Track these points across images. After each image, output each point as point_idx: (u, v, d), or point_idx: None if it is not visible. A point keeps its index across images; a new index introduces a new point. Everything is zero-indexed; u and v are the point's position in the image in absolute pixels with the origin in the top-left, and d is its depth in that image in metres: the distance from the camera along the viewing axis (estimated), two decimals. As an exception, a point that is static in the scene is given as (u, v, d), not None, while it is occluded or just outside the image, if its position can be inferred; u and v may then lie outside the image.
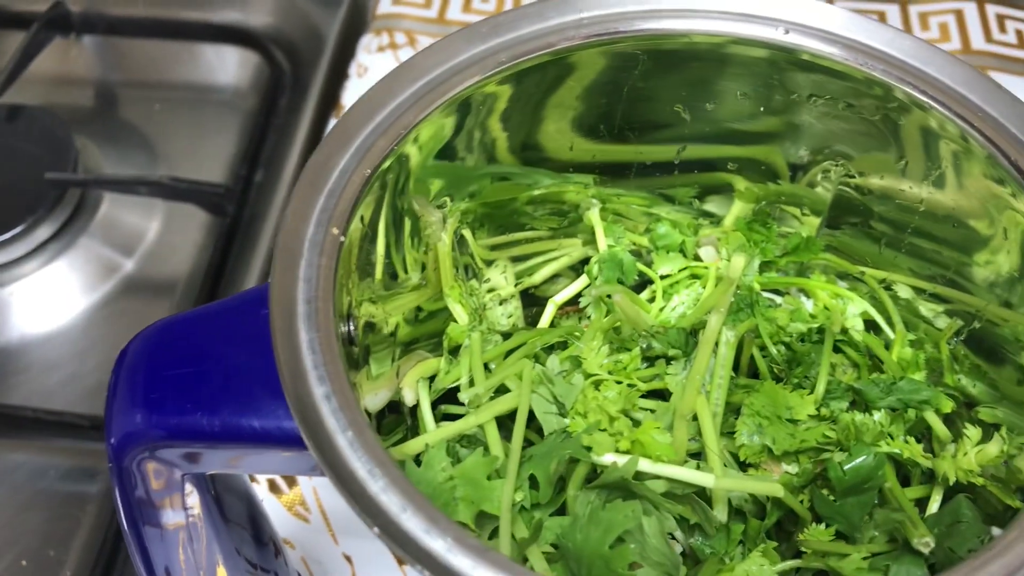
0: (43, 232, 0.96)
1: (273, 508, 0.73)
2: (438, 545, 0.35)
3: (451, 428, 0.49)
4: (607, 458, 0.45)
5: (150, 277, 0.98)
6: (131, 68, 1.16)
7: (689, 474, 0.45)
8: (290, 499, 0.73)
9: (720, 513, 0.47)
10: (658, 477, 0.45)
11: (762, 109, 0.52)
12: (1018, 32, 1.00)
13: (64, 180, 0.96)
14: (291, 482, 0.74)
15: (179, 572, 0.50)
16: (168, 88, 1.14)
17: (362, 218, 0.45)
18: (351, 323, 0.44)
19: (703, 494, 0.48)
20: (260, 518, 0.58)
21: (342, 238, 0.42)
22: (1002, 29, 1.00)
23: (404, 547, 0.35)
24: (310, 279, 0.41)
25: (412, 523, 0.35)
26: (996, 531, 0.45)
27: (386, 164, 0.45)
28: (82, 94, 1.13)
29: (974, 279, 0.50)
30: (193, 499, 0.47)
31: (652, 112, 0.54)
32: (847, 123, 0.51)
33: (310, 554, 0.71)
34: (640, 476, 0.45)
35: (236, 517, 0.53)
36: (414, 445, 0.47)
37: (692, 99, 0.53)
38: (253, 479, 0.74)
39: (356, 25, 1.10)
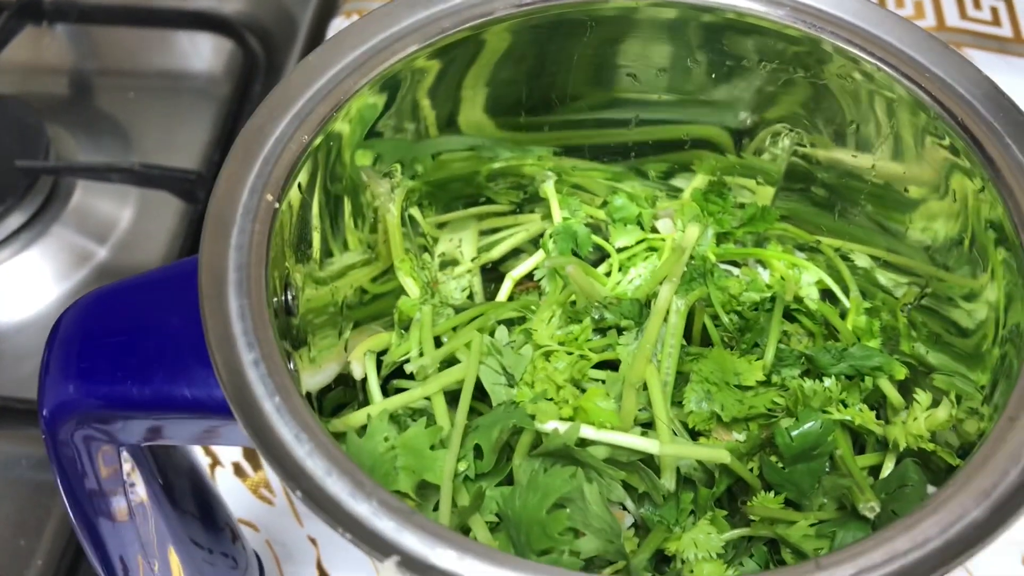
0: (15, 220, 0.95)
1: (238, 491, 0.72)
2: (363, 508, 0.34)
3: (396, 400, 0.49)
4: (550, 425, 0.44)
5: (123, 264, 0.97)
6: (104, 56, 1.15)
7: (633, 440, 0.45)
8: (254, 482, 0.73)
9: (668, 481, 0.47)
10: (602, 444, 0.45)
11: (713, 76, 0.52)
12: (993, 9, 0.99)
13: (35, 168, 0.96)
14: (256, 465, 0.73)
15: (131, 557, 0.50)
16: (142, 76, 1.13)
17: (300, 186, 0.44)
18: (288, 292, 0.43)
19: (651, 463, 0.47)
20: (214, 503, 0.57)
21: (277, 204, 0.42)
22: (977, 6, 0.99)
23: (328, 511, 0.34)
24: (242, 246, 0.40)
25: (337, 487, 0.35)
26: (932, 489, 0.45)
27: (325, 131, 0.45)
28: (55, 82, 1.13)
29: (926, 245, 0.49)
30: (135, 476, 0.46)
31: (604, 80, 0.53)
32: (797, 88, 0.50)
33: (275, 537, 0.70)
34: (584, 443, 0.45)
35: (185, 503, 0.53)
36: (357, 417, 0.46)
37: (642, 65, 0.52)
38: (217, 463, 0.73)
39: (328, 9, 1.10)
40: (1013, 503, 0.33)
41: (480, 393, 0.49)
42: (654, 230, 0.58)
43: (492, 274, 0.62)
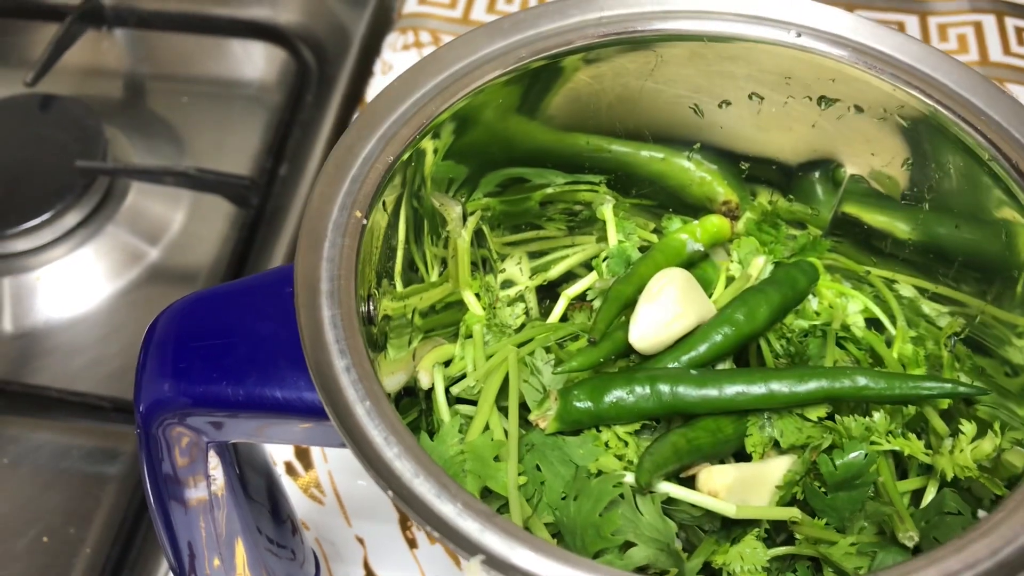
0: (71, 219, 0.98)
1: (289, 490, 0.74)
2: (448, 509, 0.37)
3: (462, 409, 0.51)
4: (627, 478, 0.47)
5: (174, 265, 1.00)
6: (161, 61, 1.18)
7: (711, 502, 0.47)
8: (306, 482, 0.75)
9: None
10: (681, 502, 0.48)
11: (773, 111, 0.54)
12: (1035, 45, 1.01)
13: (93, 168, 0.99)
14: (307, 465, 0.76)
15: (199, 543, 0.52)
16: (196, 82, 1.16)
17: (384, 204, 0.47)
18: (371, 303, 0.46)
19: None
20: (280, 496, 0.59)
21: (364, 221, 0.44)
22: (1021, 41, 1.01)
23: (416, 510, 0.36)
24: (333, 259, 0.43)
25: (424, 488, 0.37)
26: (982, 514, 0.47)
27: (408, 152, 0.47)
28: (113, 86, 1.16)
29: (974, 280, 0.51)
30: (217, 470, 0.49)
31: (666, 111, 0.56)
32: (855, 126, 0.52)
33: (324, 535, 0.73)
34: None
35: (257, 493, 0.55)
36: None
37: (705, 98, 0.55)
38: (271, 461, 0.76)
39: (382, 23, 1.13)
40: (1061, 529, 0.36)
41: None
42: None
43: (547, 292, 0.64)
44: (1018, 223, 0.46)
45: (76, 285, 0.97)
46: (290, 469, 0.76)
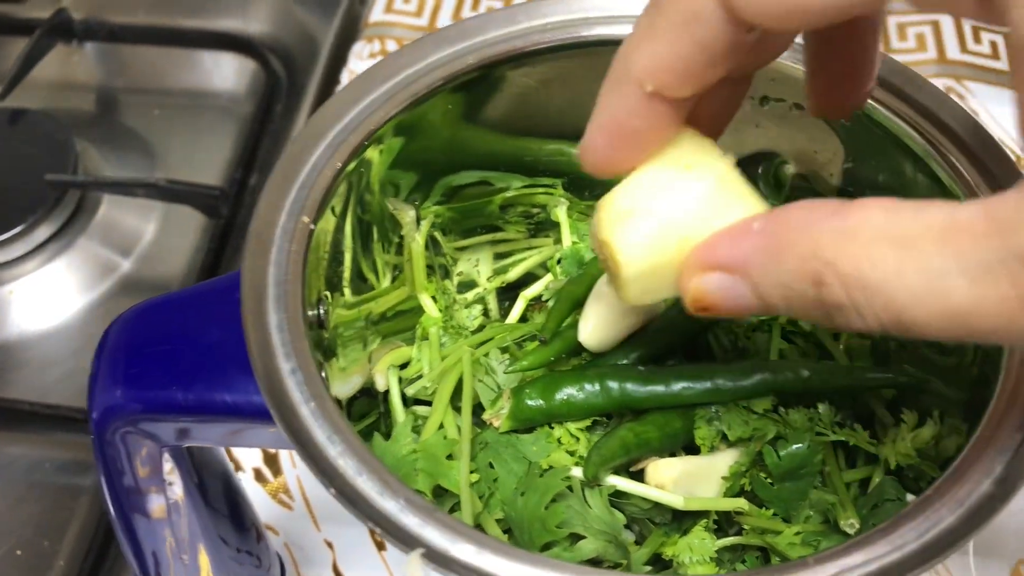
0: (43, 232, 0.98)
1: (258, 495, 0.75)
2: (390, 506, 0.37)
3: (418, 411, 0.52)
4: (575, 471, 0.48)
5: (146, 277, 1.00)
6: (131, 74, 1.19)
7: (660, 495, 0.48)
8: (274, 487, 0.76)
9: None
10: (632, 495, 0.49)
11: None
12: (992, 43, 1.02)
13: (64, 182, 0.99)
14: (276, 471, 0.76)
15: (163, 551, 0.53)
16: (167, 94, 1.17)
17: (333, 209, 0.48)
18: (321, 307, 0.47)
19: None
20: (242, 503, 0.60)
21: (312, 226, 0.45)
22: (977, 40, 1.03)
23: (358, 507, 0.37)
24: (280, 264, 0.44)
25: (367, 485, 0.38)
26: (911, 498, 0.48)
27: (356, 159, 0.48)
28: (83, 99, 1.16)
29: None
30: (174, 476, 0.49)
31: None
32: (797, 125, 0.53)
33: (293, 540, 0.73)
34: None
35: (217, 502, 0.56)
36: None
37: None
38: (239, 468, 0.77)
39: (350, 33, 1.13)
40: (985, 511, 0.37)
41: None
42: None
43: (508, 293, 0.65)
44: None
45: (48, 298, 0.97)
46: (259, 475, 0.76)
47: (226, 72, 1.18)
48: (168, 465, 0.48)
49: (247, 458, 0.77)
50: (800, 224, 0.30)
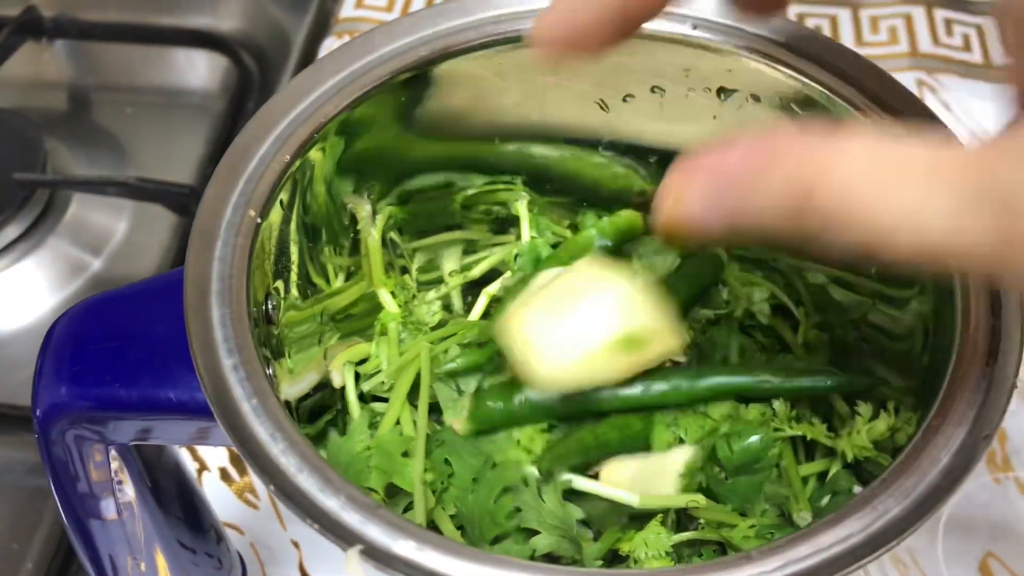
0: (11, 232, 0.97)
1: (224, 495, 0.75)
2: (331, 503, 0.37)
3: (374, 407, 0.52)
4: (531, 470, 0.47)
5: (117, 276, 0.99)
6: (103, 72, 1.18)
7: (615, 492, 0.48)
8: (240, 486, 0.75)
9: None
10: (590, 496, 0.48)
11: (675, 103, 0.55)
12: (964, 36, 1.02)
13: (32, 181, 0.98)
14: (241, 470, 0.76)
15: (120, 555, 0.52)
16: (139, 91, 1.16)
17: (281, 202, 0.47)
18: (269, 302, 0.46)
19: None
20: (199, 504, 0.59)
21: (259, 220, 0.45)
22: (949, 32, 1.03)
23: (298, 504, 0.37)
24: (225, 258, 0.43)
25: (308, 482, 0.37)
26: (858, 489, 0.48)
27: (305, 152, 0.47)
28: (54, 97, 1.15)
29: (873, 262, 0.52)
30: (124, 475, 0.49)
31: (572, 106, 0.56)
32: (755, 116, 0.53)
33: (259, 540, 0.73)
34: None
35: (171, 504, 0.55)
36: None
37: (609, 92, 0.55)
38: (204, 468, 0.76)
39: (322, 28, 1.13)
40: (931, 501, 0.36)
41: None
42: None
43: (472, 290, 0.65)
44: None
45: (17, 298, 0.96)
46: (224, 475, 0.76)
47: (198, 69, 1.17)
48: (116, 464, 0.47)
49: (213, 458, 0.76)
50: (793, 138, 0.31)
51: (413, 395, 0.53)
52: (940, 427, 0.38)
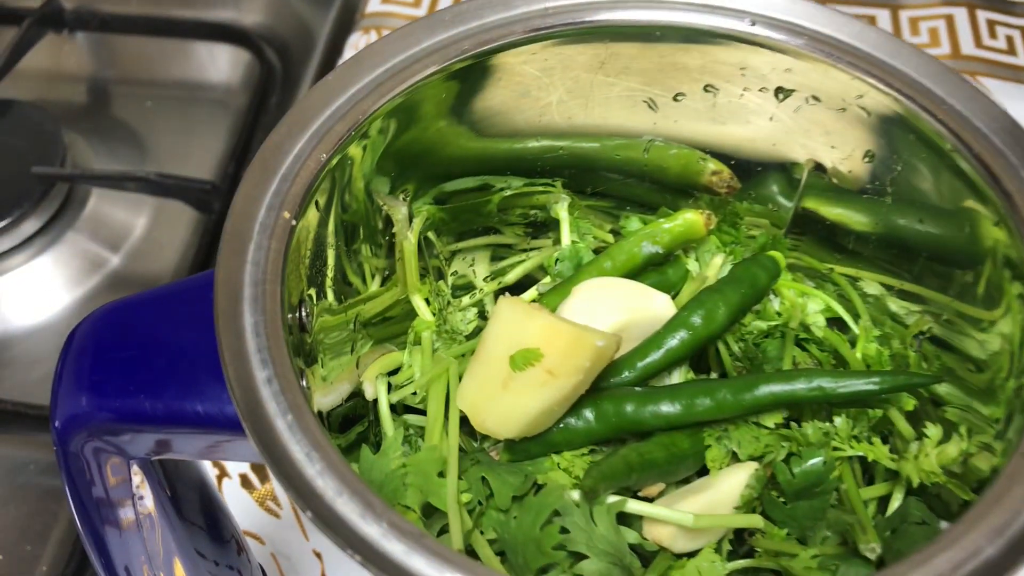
0: (29, 227, 0.96)
1: (244, 503, 0.72)
2: (373, 531, 0.34)
3: (409, 420, 0.49)
4: (574, 494, 0.45)
5: (136, 273, 0.97)
6: (124, 65, 1.16)
7: (670, 514, 0.45)
8: (261, 494, 0.73)
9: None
10: (639, 515, 0.45)
11: (729, 102, 0.52)
12: (1008, 38, 0.99)
13: (50, 175, 0.96)
14: (263, 477, 0.73)
15: (136, 567, 0.50)
16: (160, 85, 1.14)
17: (317, 203, 0.44)
18: (303, 309, 0.44)
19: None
20: (221, 515, 0.57)
21: (294, 222, 0.42)
22: (992, 35, 0.99)
23: (337, 532, 0.34)
24: (258, 263, 0.40)
25: (347, 507, 0.35)
26: (944, 525, 0.45)
27: (342, 150, 0.45)
28: (74, 90, 1.13)
29: (939, 275, 0.49)
30: (144, 489, 0.46)
31: (619, 105, 0.54)
32: (813, 117, 0.50)
33: (280, 550, 0.70)
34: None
35: (192, 515, 0.53)
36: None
37: (661, 90, 0.52)
38: (225, 474, 0.73)
39: (347, 24, 1.11)
40: (1027, 542, 0.33)
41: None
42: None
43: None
44: (980, 214, 0.44)
45: (35, 294, 0.95)
46: (245, 481, 0.73)
47: (220, 63, 1.15)
48: (138, 478, 0.45)
49: (233, 464, 0.74)
50: None
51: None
52: (1031, 458, 0.35)
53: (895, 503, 0.48)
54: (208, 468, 0.74)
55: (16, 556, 0.80)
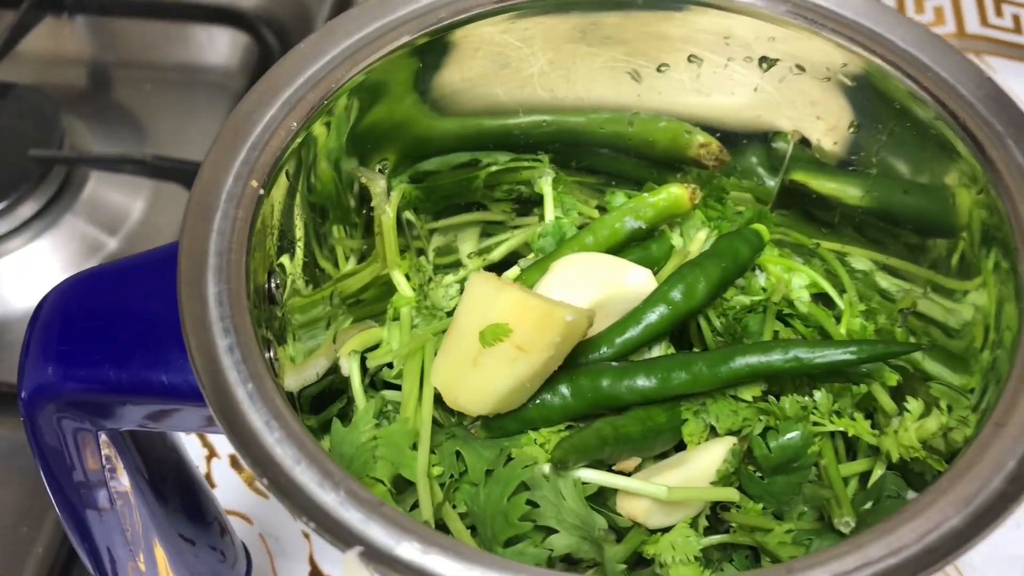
0: (27, 209, 0.95)
1: (233, 483, 0.72)
2: (330, 498, 0.34)
3: (385, 395, 0.48)
4: (546, 468, 0.44)
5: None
6: (123, 48, 1.16)
7: (643, 486, 0.44)
8: (250, 475, 0.72)
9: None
10: (613, 489, 0.45)
11: (714, 73, 0.51)
12: (1015, 17, 0.97)
13: (48, 157, 0.96)
14: (252, 457, 0.73)
15: (118, 549, 0.50)
16: (159, 68, 1.14)
17: (287, 173, 0.44)
18: (272, 280, 0.43)
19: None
20: (202, 496, 0.56)
21: (262, 191, 0.41)
22: (998, 13, 0.98)
23: (294, 500, 0.33)
24: (224, 232, 0.40)
25: (305, 476, 0.34)
26: (912, 495, 0.44)
27: (314, 119, 0.44)
28: (73, 73, 1.13)
29: (921, 248, 0.48)
30: (117, 463, 0.46)
31: (602, 76, 0.53)
32: (798, 88, 0.49)
33: (268, 530, 0.70)
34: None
35: (170, 495, 0.52)
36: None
37: (642, 62, 0.52)
38: (214, 454, 0.73)
39: (345, 5, 1.10)
40: (994, 511, 0.32)
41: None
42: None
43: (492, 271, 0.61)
44: (963, 183, 0.43)
45: (33, 277, 0.94)
46: (235, 462, 0.73)
47: (219, 46, 1.15)
48: (108, 451, 0.44)
49: (223, 444, 0.74)
50: None
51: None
52: (1004, 427, 0.34)
53: (875, 479, 0.47)
54: (197, 448, 0.73)
55: (13, 538, 0.80)
